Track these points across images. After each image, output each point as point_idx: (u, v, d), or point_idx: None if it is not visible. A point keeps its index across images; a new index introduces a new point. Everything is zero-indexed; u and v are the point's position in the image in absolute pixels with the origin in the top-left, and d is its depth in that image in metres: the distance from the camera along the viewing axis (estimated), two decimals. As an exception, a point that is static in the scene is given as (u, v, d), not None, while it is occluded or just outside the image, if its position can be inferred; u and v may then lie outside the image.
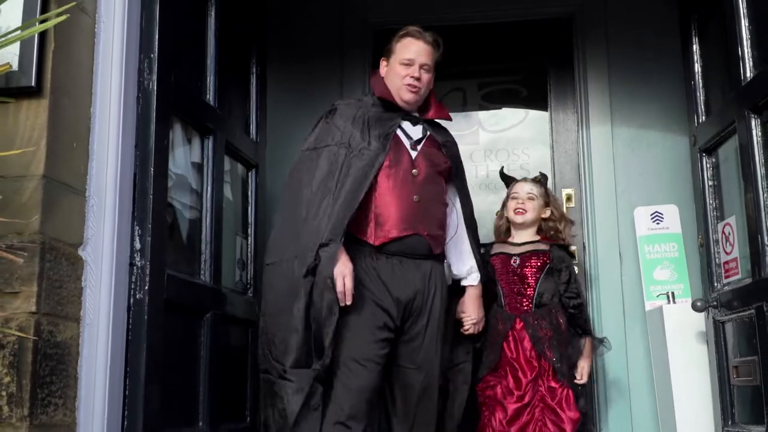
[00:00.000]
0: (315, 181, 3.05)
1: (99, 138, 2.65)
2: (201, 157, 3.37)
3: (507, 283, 3.57)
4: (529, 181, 3.75)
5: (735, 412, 3.36)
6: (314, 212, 2.99)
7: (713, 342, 3.54)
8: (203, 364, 3.16)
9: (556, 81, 4.76)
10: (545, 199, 3.70)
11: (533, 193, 3.66)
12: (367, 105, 3.26)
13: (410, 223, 3.09)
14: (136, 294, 2.69)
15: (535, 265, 3.55)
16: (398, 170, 3.11)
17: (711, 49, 3.68)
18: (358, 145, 3.09)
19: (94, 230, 2.59)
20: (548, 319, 3.47)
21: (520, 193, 3.66)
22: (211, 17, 3.48)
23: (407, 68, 3.19)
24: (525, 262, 3.56)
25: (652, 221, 4.31)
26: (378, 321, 2.98)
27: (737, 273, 3.38)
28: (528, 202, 3.63)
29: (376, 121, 3.18)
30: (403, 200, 3.09)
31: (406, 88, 3.20)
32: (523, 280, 3.54)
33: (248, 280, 3.76)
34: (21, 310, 2.31)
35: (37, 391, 2.29)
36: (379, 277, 3.03)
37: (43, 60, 2.46)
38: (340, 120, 3.17)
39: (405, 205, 3.09)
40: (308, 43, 4.78)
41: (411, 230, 3.08)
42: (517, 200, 3.65)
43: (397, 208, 3.07)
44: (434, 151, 3.27)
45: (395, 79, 3.21)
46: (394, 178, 3.10)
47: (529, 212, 3.62)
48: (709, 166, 3.65)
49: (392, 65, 3.24)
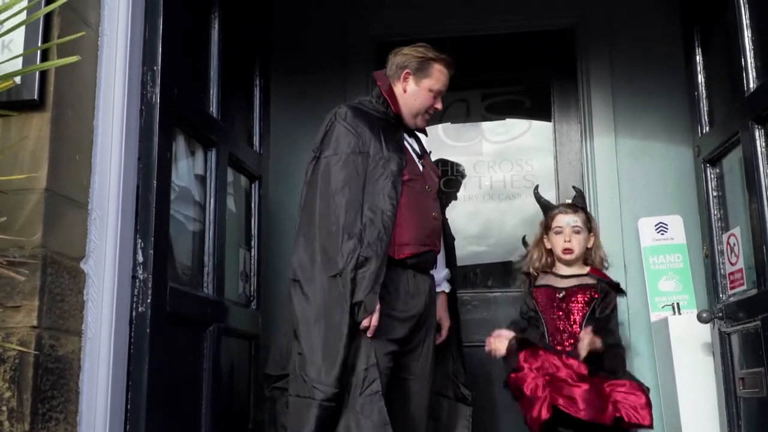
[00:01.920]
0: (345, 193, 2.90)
1: (102, 151, 2.65)
2: (204, 169, 3.36)
3: (551, 318, 3.36)
4: (569, 210, 3.49)
5: (741, 424, 3.34)
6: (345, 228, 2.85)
7: (719, 353, 3.52)
8: (206, 378, 3.14)
9: (560, 92, 4.76)
10: (588, 226, 3.48)
11: (578, 226, 3.42)
12: (377, 110, 3.18)
13: (429, 239, 3.10)
14: (139, 307, 2.68)
15: (582, 300, 3.34)
16: (415, 184, 3.10)
17: (714, 59, 3.67)
18: (378, 155, 2.99)
19: (96, 243, 2.58)
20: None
21: (564, 227, 3.43)
22: (214, 29, 3.48)
23: (435, 100, 3.20)
24: (571, 297, 3.35)
25: (656, 232, 4.30)
26: (390, 334, 2.95)
27: (742, 284, 3.36)
28: (574, 237, 3.41)
29: (386, 129, 3.10)
30: (424, 216, 3.10)
31: (424, 117, 3.21)
32: (569, 316, 3.33)
33: (251, 293, 3.75)
34: (22, 324, 2.30)
35: (38, 406, 2.28)
36: (397, 290, 2.99)
37: (45, 73, 2.46)
38: (359, 126, 3.03)
39: (426, 221, 3.10)
40: (311, 54, 4.79)
41: (428, 246, 3.10)
42: (562, 236, 3.42)
43: (418, 224, 3.05)
44: (432, 165, 3.29)
45: (417, 103, 3.18)
46: (414, 193, 3.07)
47: (576, 249, 3.41)
48: (713, 177, 3.64)
49: (421, 88, 3.18)
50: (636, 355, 4.21)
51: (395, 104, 3.18)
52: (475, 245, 4.63)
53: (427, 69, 3.19)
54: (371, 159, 2.97)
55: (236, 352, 3.52)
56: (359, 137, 2.99)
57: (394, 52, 3.28)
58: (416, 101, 3.19)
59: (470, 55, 4.80)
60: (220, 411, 3.22)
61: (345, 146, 2.98)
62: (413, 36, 4.62)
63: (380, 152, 2.99)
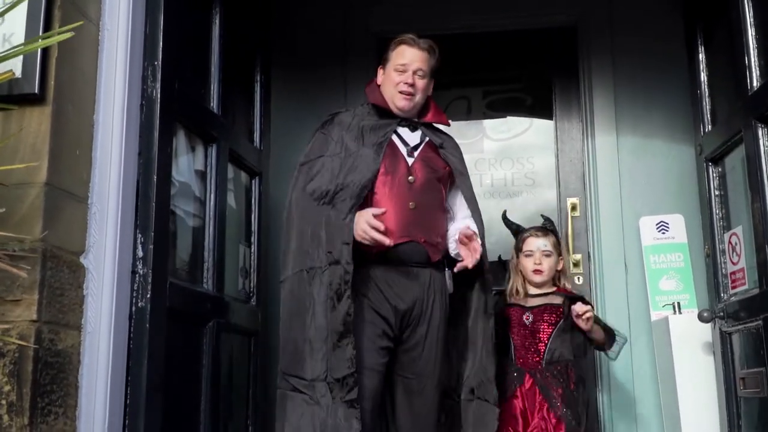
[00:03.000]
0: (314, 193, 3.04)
1: (102, 145, 2.64)
2: (204, 164, 3.36)
3: (519, 336, 3.45)
4: (540, 233, 3.56)
5: (742, 424, 3.33)
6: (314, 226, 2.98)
7: (720, 353, 3.51)
8: (205, 373, 3.14)
9: (561, 89, 4.75)
10: (558, 251, 3.56)
11: (549, 249, 3.51)
12: (362, 113, 3.26)
13: (406, 230, 3.04)
14: (138, 302, 2.68)
15: (549, 320, 3.42)
16: (394, 177, 3.09)
17: (717, 57, 3.66)
18: (352, 153, 3.08)
19: (96, 238, 2.58)
20: (559, 378, 3.35)
21: (534, 251, 3.51)
22: (215, 25, 3.47)
23: (401, 74, 3.18)
24: (538, 317, 3.44)
25: (657, 231, 4.29)
26: (377, 329, 2.95)
27: (744, 283, 3.35)
28: (545, 260, 3.49)
29: (371, 129, 3.16)
30: (399, 207, 3.06)
31: (399, 95, 3.19)
32: (535, 335, 3.41)
33: (251, 289, 3.75)
34: (22, 318, 2.29)
35: (38, 400, 2.28)
36: (377, 285, 3.00)
37: (46, 67, 2.46)
38: (335, 130, 3.18)
39: (401, 212, 3.06)
40: (312, 51, 4.78)
41: (407, 237, 3.04)
42: (533, 259, 3.50)
43: (393, 215, 3.03)
44: (433, 156, 3.23)
45: (390, 86, 3.21)
46: (390, 186, 3.08)
47: (546, 271, 3.48)
48: (716, 176, 3.62)
49: (388, 72, 3.24)
50: (636, 354, 4.20)
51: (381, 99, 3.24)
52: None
53: (390, 54, 3.26)
54: (345, 156, 3.08)
55: (236, 348, 3.51)
56: (334, 141, 3.15)
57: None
58: (388, 85, 3.22)
59: (471, 53, 4.80)
60: (219, 406, 3.21)
61: (313, 152, 3.16)
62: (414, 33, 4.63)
63: (354, 151, 3.09)
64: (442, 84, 4.79)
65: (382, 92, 3.25)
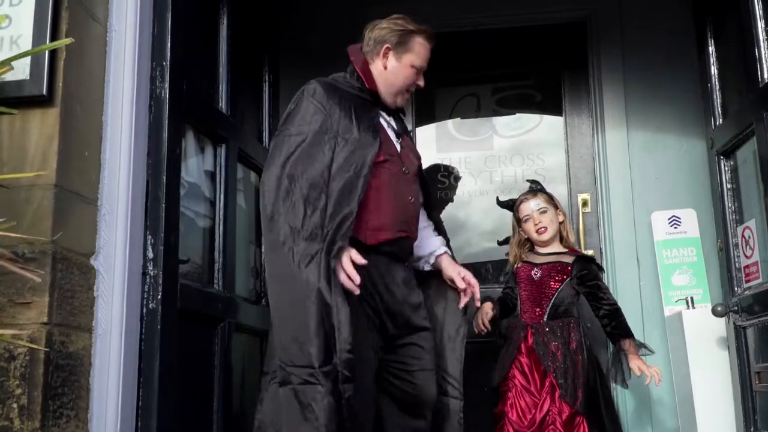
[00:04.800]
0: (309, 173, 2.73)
1: (111, 146, 2.63)
2: (214, 165, 3.35)
3: (527, 291, 3.56)
4: (529, 196, 3.68)
5: (757, 418, 3.31)
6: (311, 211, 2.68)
7: (734, 347, 3.49)
8: (217, 374, 3.13)
9: (571, 85, 4.72)
10: (552, 204, 3.66)
11: (543, 206, 3.62)
12: (350, 86, 3.00)
13: (404, 225, 2.94)
14: (149, 303, 2.67)
15: (556, 277, 3.52)
16: (392, 166, 2.93)
17: (727, 50, 3.64)
18: (347, 133, 2.83)
19: (106, 239, 2.57)
20: (559, 333, 3.42)
21: (531, 212, 3.62)
22: (223, 24, 3.47)
23: (417, 75, 3.03)
24: (546, 273, 3.53)
25: (669, 225, 4.27)
26: (369, 322, 2.83)
27: (758, 277, 3.33)
28: (543, 217, 3.59)
29: (360, 107, 2.93)
30: (399, 200, 2.93)
31: (404, 96, 3.06)
32: (541, 290, 3.51)
33: (262, 289, 3.74)
34: (33, 320, 2.29)
35: (49, 403, 2.27)
36: (369, 278, 2.81)
37: (54, 68, 2.45)
38: (327, 102, 2.86)
39: (401, 206, 2.94)
40: (320, 50, 4.76)
41: (403, 232, 2.94)
42: (532, 221, 3.60)
43: (394, 208, 2.90)
44: (411, 145, 3.15)
45: (399, 81, 3.02)
46: (389, 175, 2.91)
47: (548, 226, 3.58)
48: (728, 169, 3.61)
49: (402, 64, 3.01)
50: (650, 349, 4.18)
51: (371, 81, 3.01)
52: (486, 241, 4.61)
53: (408, 43, 3.02)
54: (340, 137, 2.81)
55: (247, 349, 3.51)
56: (328, 115, 2.84)
57: (370, 26, 3.11)
58: (398, 78, 3.02)
59: (480, 50, 4.79)
60: (231, 407, 3.21)
61: (313, 124, 2.82)
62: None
63: (350, 131, 2.83)
64: (451, 82, 4.81)
65: (374, 76, 3.03)
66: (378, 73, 3.03)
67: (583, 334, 3.43)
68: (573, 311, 3.49)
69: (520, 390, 3.40)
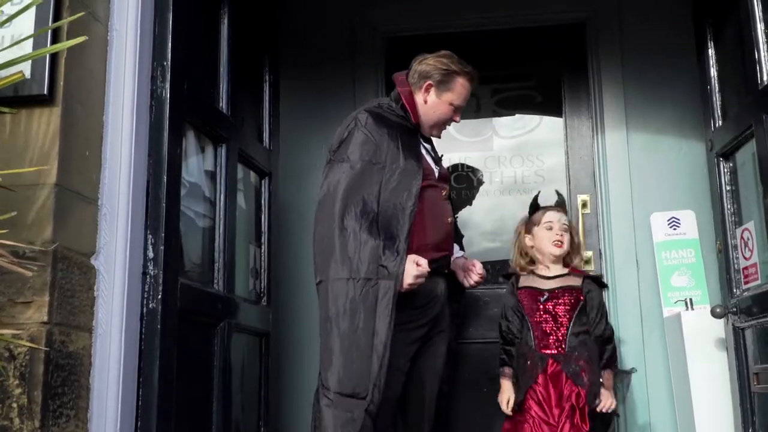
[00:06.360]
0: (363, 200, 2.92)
1: (112, 146, 2.64)
2: (214, 165, 3.36)
3: (536, 320, 3.44)
4: (559, 210, 3.65)
5: (756, 420, 3.31)
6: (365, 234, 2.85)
7: (733, 349, 3.49)
8: (217, 374, 3.13)
9: (571, 86, 4.72)
10: (571, 228, 3.62)
11: (566, 224, 3.57)
12: (393, 117, 3.18)
13: (444, 244, 3.15)
14: (149, 303, 2.67)
15: (568, 302, 3.43)
16: (434, 191, 3.12)
17: (727, 52, 3.64)
18: (394, 163, 3.01)
19: (106, 239, 2.57)
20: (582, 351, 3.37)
21: (555, 223, 3.54)
22: (223, 25, 3.47)
23: (455, 113, 3.22)
24: (555, 299, 3.44)
25: (668, 227, 4.27)
26: (409, 336, 3.00)
27: (757, 278, 3.33)
28: (564, 234, 3.54)
29: (405, 136, 3.13)
30: (441, 222, 3.13)
31: (441, 128, 3.25)
32: (555, 319, 3.42)
33: (261, 289, 3.74)
34: (33, 320, 2.29)
35: (49, 403, 2.27)
36: (416, 297, 2.98)
37: (55, 68, 2.46)
38: (377, 132, 3.05)
39: (442, 227, 3.14)
40: (321, 50, 4.77)
41: (444, 251, 3.15)
42: (554, 231, 3.53)
43: (436, 231, 3.10)
44: (445, 170, 3.33)
45: (436, 115, 3.21)
46: (432, 199, 3.10)
47: (565, 244, 3.53)
48: (727, 171, 3.61)
49: (442, 100, 3.20)
50: (649, 351, 4.18)
51: (414, 112, 3.20)
52: (487, 241, 4.61)
53: (450, 83, 3.20)
54: (387, 168, 2.99)
55: (247, 349, 3.51)
56: (377, 146, 3.01)
57: (418, 60, 3.28)
58: (435, 113, 3.21)
59: (480, 50, 4.77)
60: (230, 407, 3.21)
61: (364, 154, 2.99)
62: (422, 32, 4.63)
63: (397, 161, 3.01)
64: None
65: (419, 111, 3.20)
66: (419, 105, 3.21)
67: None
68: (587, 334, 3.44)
69: (537, 422, 3.32)
